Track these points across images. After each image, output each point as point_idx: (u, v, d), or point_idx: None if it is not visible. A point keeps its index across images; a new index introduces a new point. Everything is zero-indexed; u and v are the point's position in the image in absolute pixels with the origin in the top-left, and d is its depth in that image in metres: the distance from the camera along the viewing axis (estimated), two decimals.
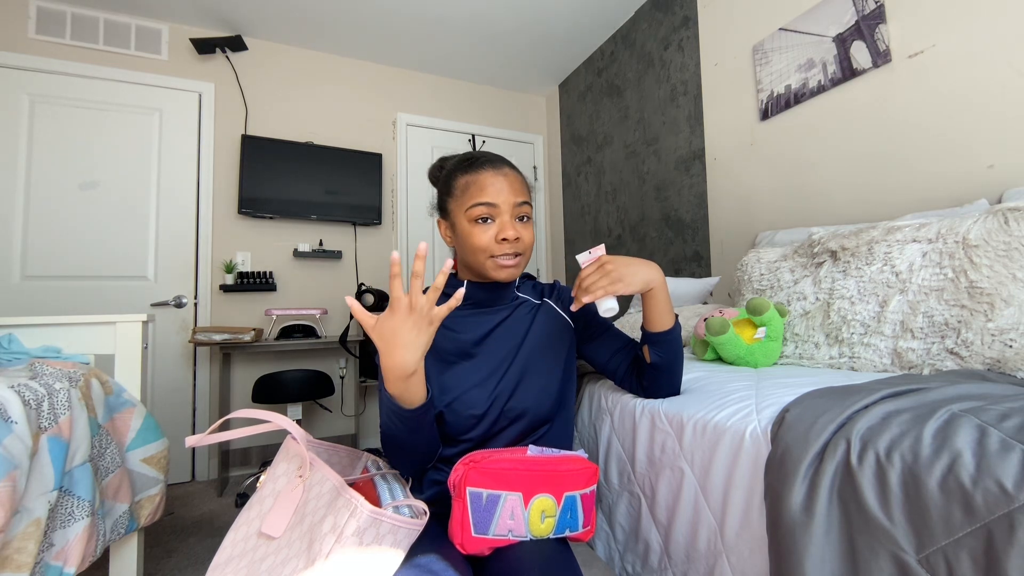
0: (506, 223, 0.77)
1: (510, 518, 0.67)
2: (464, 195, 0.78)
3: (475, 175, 0.78)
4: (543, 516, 0.68)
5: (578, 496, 0.72)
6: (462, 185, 0.78)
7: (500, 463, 0.67)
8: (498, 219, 0.77)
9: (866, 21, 1.48)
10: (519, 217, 0.79)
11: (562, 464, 0.71)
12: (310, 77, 2.84)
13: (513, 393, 0.80)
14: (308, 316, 2.60)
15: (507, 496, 0.67)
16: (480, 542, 0.66)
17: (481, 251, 0.77)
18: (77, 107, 2.35)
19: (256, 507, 0.70)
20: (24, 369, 0.98)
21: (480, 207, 0.76)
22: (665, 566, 0.82)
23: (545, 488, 0.69)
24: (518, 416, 0.79)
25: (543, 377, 0.83)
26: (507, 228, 0.76)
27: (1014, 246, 0.86)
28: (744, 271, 1.34)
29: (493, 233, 0.77)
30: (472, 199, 0.76)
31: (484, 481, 0.66)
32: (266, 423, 0.71)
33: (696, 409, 0.80)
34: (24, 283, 2.23)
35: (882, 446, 0.52)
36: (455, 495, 0.69)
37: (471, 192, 0.77)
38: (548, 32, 2.72)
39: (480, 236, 0.77)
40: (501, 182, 0.77)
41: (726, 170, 2.04)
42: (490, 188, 0.76)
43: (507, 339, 0.84)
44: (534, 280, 0.97)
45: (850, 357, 1.00)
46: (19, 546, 0.79)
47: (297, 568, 0.59)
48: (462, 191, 0.78)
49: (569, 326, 0.90)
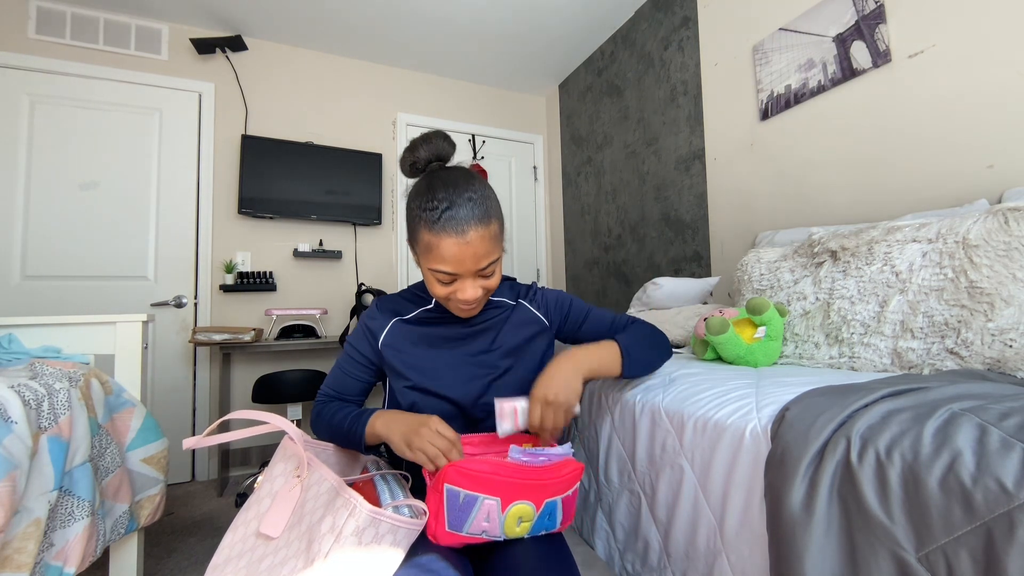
0: (466, 286, 0.75)
1: (485, 520, 0.65)
2: (426, 255, 0.74)
3: (436, 239, 0.71)
4: (519, 521, 0.67)
5: (559, 501, 0.70)
6: (424, 243, 0.73)
7: (481, 469, 0.65)
8: (459, 281, 0.75)
9: (866, 21, 1.48)
10: (483, 275, 0.76)
11: (546, 474, 0.68)
12: (310, 77, 2.84)
13: (487, 391, 0.81)
14: (308, 316, 2.60)
15: (485, 500, 0.65)
16: (452, 537, 0.66)
17: (441, 299, 0.79)
18: (77, 107, 2.35)
19: (254, 508, 0.70)
20: (24, 369, 0.98)
21: (441, 274, 0.74)
22: (664, 564, 0.82)
23: (525, 496, 0.67)
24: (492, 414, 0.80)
25: (517, 376, 0.84)
26: (466, 291, 0.75)
27: (1014, 246, 0.86)
28: (744, 271, 1.34)
29: (452, 291, 0.76)
30: (434, 263, 0.73)
31: (463, 482, 0.64)
32: (264, 424, 0.72)
33: (696, 407, 0.80)
34: (24, 283, 2.23)
35: (882, 445, 0.52)
36: (431, 486, 0.68)
37: (432, 257, 0.73)
38: (548, 32, 2.72)
39: (440, 291, 0.76)
40: (463, 252, 0.71)
41: (726, 170, 2.04)
42: (451, 259, 0.71)
43: (482, 340, 0.85)
44: (512, 280, 0.97)
45: (850, 357, 1.00)
46: (19, 546, 0.79)
47: (296, 568, 0.59)
48: (424, 249, 0.74)
49: (545, 325, 0.90)
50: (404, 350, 0.83)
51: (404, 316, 0.86)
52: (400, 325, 0.85)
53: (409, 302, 0.89)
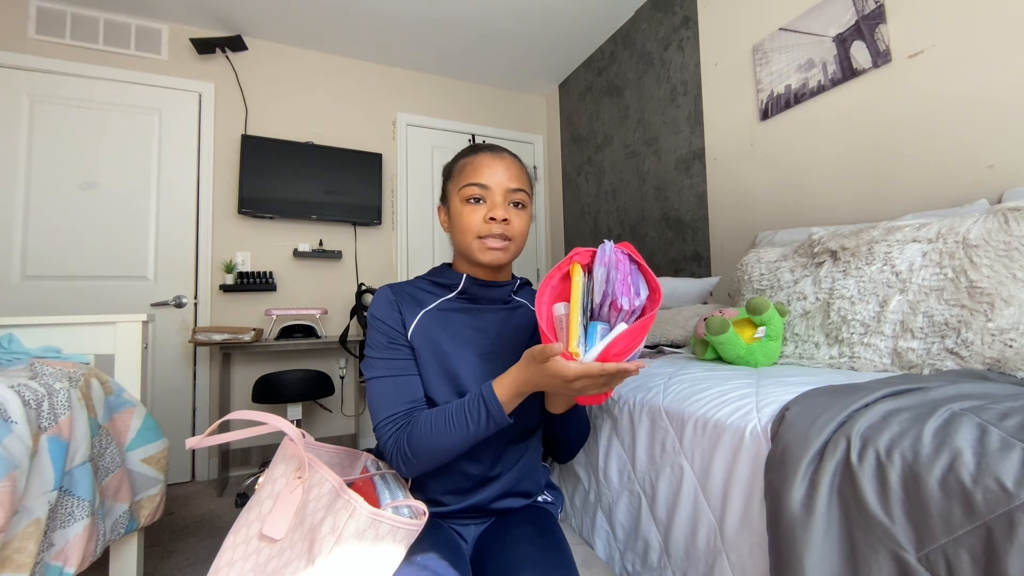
0: (496, 204, 0.77)
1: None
2: (460, 175, 0.80)
3: (473, 157, 0.80)
4: None
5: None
6: (460, 167, 0.81)
7: None
8: (489, 200, 0.78)
9: (866, 21, 1.48)
10: (513, 203, 0.79)
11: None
12: (310, 77, 2.84)
13: None
14: (308, 316, 2.60)
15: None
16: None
17: (469, 231, 0.77)
18: (77, 107, 2.35)
19: (255, 509, 0.70)
20: (24, 369, 0.98)
21: (473, 187, 0.77)
22: (664, 564, 0.82)
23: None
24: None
25: None
26: (497, 208, 0.77)
27: (1014, 246, 0.86)
28: (744, 271, 1.34)
29: (483, 214, 0.77)
30: (466, 179, 0.78)
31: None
32: (265, 424, 0.71)
33: (696, 407, 0.80)
34: (24, 283, 2.23)
35: (882, 444, 0.52)
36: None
37: (466, 173, 0.79)
38: (548, 32, 2.72)
39: (470, 216, 0.77)
40: (497, 165, 0.79)
41: (726, 170, 2.04)
42: (485, 170, 0.78)
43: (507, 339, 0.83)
44: (530, 286, 0.96)
45: (850, 357, 1.00)
46: (19, 546, 0.79)
47: (299, 569, 0.59)
48: (459, 172, 0.81)
49: None
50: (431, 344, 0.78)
51: (428, 307, 0.81)
52: (426, 318, 0.80)
53: (427, 292, 0.83)
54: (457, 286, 0.83)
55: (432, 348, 0.77)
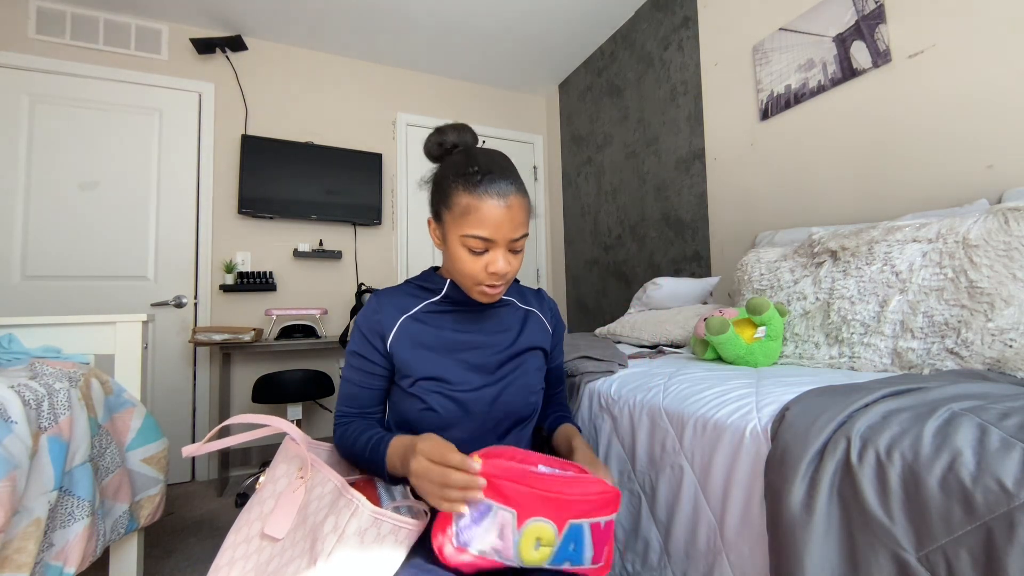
0: (498, 257, 0.72)
1: (498, 536, 0.56)
2: (462, 219, 0.71)
3: (477, 200, 0.70)
4: (537, 543, 0.57)
5: (586, 525, 0.59)
6: (462, 206, 0.71)
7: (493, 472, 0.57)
8: (492, 251, 0.72)
9: (866, 21, 1.48)
10: (514, 250, 0.74)
11: (569, 486, 0.59)
12: (310, 77, 2.84)
13: (504, 390, 0.80)
14: (308, 316, 2.60)
15: (499, 510, 0.56)
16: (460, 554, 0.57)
17: (468, 276, 0.75)
18: (77, 107, 2.35)
19: (256, 508, 0.70)
20: (24, 369, 0.98)
21: (476, 240, 0.71)
22: (665, 564, 0.82)
23: (544, 512, 0.57)
24: (506, 413, 0.79)
25: (530, 377, 0.83)
26: (498, 262, 0.72)
27: (1014, 246, 0.86)
28: (744, 271, 1.34)
29: (483, 264, 0.73)
30: (470, 228, 0.70)
31: None
32: (264, 427, 0.71)
33: (696, 407, 0.80)
34: (24, 283, 2.23)
35: (882, 444, 0.52)
36: None
37: (470, 220, 0.70)
38: (548, 32, 2.72)
39: (471, 264, 0.73)
40: (503, 216, 0.70)
41: (726, 170, 2.04)
42: (490, 223, 0.70)
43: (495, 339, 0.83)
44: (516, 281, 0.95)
45: (850, 357, 1.00)
46: (19, 546, 0.79)
47: (300, 567, 0.59)
48: (461, 213, 0.71)
49: (549, 334, 0.91)
50: (414, 348, 0.78)
51: (410, 312, 0.81)
52: (408, 322, 0.80)
53: (411, 296, 0.83)
54: (441, 291, 0.84)
55: (414, 350, 0.78)
